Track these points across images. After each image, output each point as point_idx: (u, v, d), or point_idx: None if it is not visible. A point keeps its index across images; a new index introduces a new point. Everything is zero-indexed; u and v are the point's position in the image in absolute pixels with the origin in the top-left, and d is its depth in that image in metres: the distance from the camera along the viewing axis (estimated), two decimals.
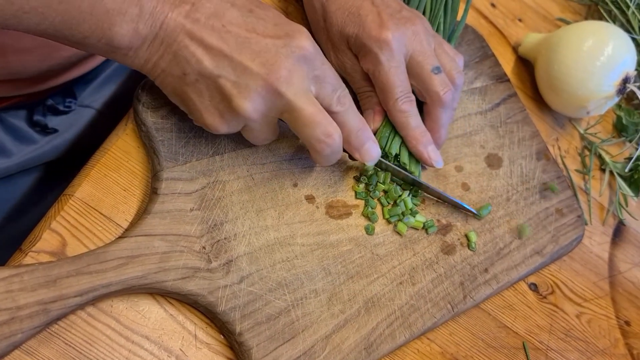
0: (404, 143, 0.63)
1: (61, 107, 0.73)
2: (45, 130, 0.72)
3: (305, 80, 0.51)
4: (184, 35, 0.48)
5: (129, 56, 0.49)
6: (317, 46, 0.52)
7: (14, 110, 0.71)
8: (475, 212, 0.66)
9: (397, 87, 0.60)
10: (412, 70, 0.61)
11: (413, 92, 0.62)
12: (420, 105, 0.63)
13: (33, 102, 0.72)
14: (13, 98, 0.70)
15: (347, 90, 0.54)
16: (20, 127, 0.72)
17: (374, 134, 0.62)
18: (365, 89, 0.63)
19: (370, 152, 0.57)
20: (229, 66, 0.49)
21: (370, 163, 0.57)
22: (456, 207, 0.66)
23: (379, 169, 0.63)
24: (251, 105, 0.49)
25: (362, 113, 0.64)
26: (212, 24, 0.49)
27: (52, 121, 0.74)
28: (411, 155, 0.63)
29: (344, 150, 0.57)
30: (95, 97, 0.77)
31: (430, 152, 0.62)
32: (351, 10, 0.61)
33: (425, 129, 0.62)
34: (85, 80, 0.76)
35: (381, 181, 0.62)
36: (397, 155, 0.63)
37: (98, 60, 0.75)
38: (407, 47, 0.60)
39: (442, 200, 0.66)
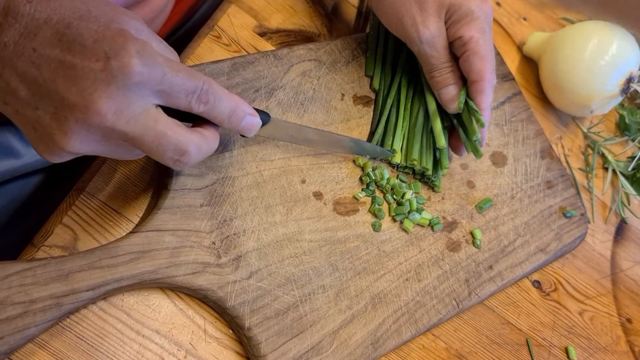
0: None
1: None
2: None
3: (137, 103, 0.43)
4: None
5: None
6: (149, 57, 0.43)
7: None
8: (391, 153, 0.65)
9: (492, 59, 0.62)
10: None
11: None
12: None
13: None
14: None
15: (207, 83, 0.47)
16: None
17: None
18: (448, 64, 0.63)
19: (248, 127, 0.52)
20: (46, 96, 0.42)
21: (250, 135, 0.53)
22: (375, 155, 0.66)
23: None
24: (76, 140, 0.43)
25: (436, 90, 0.65)
26: (21, 49, 0.42)
27: None
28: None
29: None
30: None
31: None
32: None
33: None
34: None
35: (377, 178, 0.63)
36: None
37: None
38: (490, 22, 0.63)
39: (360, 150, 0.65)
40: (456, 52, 0.62)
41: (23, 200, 0.73)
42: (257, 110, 0.53)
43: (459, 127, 0.64)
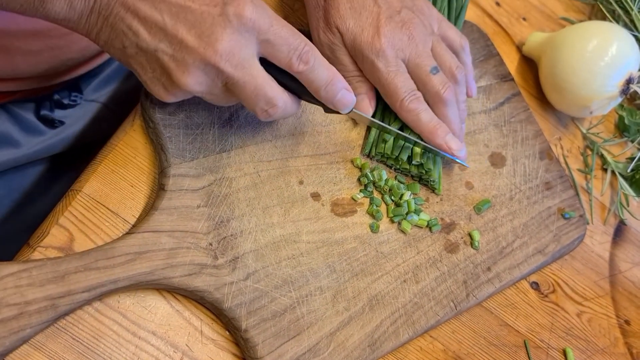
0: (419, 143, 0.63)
1: (66, 102, 0.74)
2: (52, 124, 0.73)
3: (246, 49, 0.48)
4: (120, 6, 0.46)
5: (73, 28, 0.48)
6: (261, 8, 0.48)
7: (21, 103, 0.72)
8: (464, 163, 0.66)
9: (400, 89, 0.60)
10: (412, 73, 0.62)
11: None
12: None
13: (40, 97, 0.72)
14: (19, 92, 0.70)
15: (310, 45, 0.51)
16: (28, 119, 0.72)
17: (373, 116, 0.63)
18: (355, 73, 0.63)
19: (343, 101, 0.54)
20: (166, 39, 0.46)
21: (345, 111, 0.55)
22: (448, 160, 0.66)
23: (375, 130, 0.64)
24: (192, 79, 0.47)
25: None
26: None
27: (59, 114, 0.74)
28: (427, 154, 0.64)
29: (320, 104, 0.55)
30: (101, 92, 0.77)
31: (448, 141, 0.62)
32: (354, 4, 0.61)
33: (439, 121, 0.62)
34: (90, 75, 0.76)
35: (376, 179, 0.63)
36: (410, 158, 0.64)
37: (105, 56, 0.75)
38: (403, 51, 0.61)
39: (433, 152, 0.64)
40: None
41: (22, 193, 0.73)
42: None
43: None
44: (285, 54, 0.50)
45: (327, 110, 0.56)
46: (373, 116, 0.63)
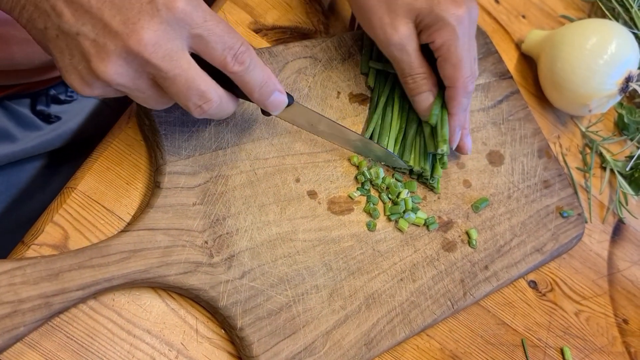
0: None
1: (63, 97, 0.74)
2: (48, 119, 0.72)
3: (175, 41, 0.45)
4: None
5: None
6: (195, 1, 0.46)
7: (17, 99, 0.72)
8: (406, 165, 0.65)
9: (467, 65, 0.60)
10: None
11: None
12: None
13: (36, 92, 0.72)
14: (16, 86, 0.70)
15: (246, 45, 0.48)
16: (24, 113, 0.72)
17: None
18: (420, 70, 0.62)
19: (275, 104, 0.52)
20: (89, 22, 0.43)
21: (275, 113, 0.54)
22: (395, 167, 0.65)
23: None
24: (111, 68, 0.44)
25: (410, 96, 0.64)
26: None
27: (55, 109, 0.74)
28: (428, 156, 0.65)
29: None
30: None
31: (464, 136, 0.65)
32: None
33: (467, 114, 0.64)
34: None
35: (373, 177, 0.62)
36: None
37: None
38: (470, 27, 0.61)
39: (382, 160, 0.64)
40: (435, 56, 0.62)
41: (18, 189, 0.72)
42: None
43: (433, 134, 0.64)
44: (220, 53, 0.47)
45: (264, 112, 0.56)
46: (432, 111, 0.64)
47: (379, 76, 0.67)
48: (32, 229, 0.51)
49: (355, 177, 0.63)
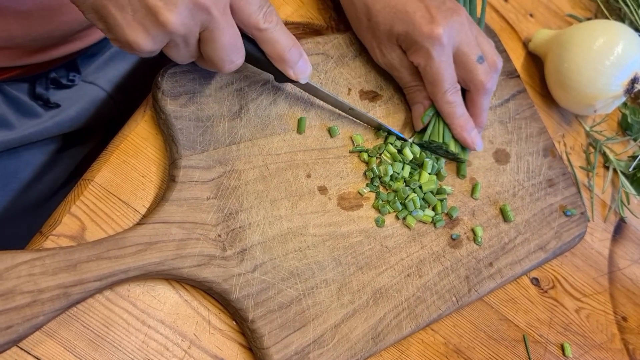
0: (449, 131, 0.66)
1: (64, 81, 0.73)
2: (47, 104, 0.72)
3: None
4: None
5: None
6: None
7: (16, 83, 0.71)
8: (400, 135, 0.67)
9: (446, 81, 0.63)
10: (458, 60, 0.64)
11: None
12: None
13: (35, 75, 0.71)
14: (15, 69, 0.69)
15: (272, 7, 0.51)
16: (23, 99, 0.71)
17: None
18: (414, 83, 0.66)
19: (304, 69, 0.55)
20: None
21: (303, 80, 0.56)
22: (387, 131, 0.67)
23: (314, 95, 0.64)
24: (179, 18, 0.46)
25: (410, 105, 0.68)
26: None
27: (55, 95, 0.73)
28: (457, 141, 0.67)
29: (271, 70, 0.56)
30: (100, 74, 0.76)
31: (473, 136, 0.66)
32: (397, 7, 0.63)
33: (469, 116, 0.66)
34: (89, 54, 0.75)
35: (382, 174, 0.63)
36: (442, 144, 0.66)
37: (100, 33, 0.74)
38: (454, 38, 0.63)
39: (371, 125, 0.66)
40: None
41: (18, 177, 0.72)
42: None
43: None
44: (255, 9, 0.50)
45: (280, 79, 0.57)
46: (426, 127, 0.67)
47: None
48: (50, 220, 0.52)
49: (364, 174, 0.64)
